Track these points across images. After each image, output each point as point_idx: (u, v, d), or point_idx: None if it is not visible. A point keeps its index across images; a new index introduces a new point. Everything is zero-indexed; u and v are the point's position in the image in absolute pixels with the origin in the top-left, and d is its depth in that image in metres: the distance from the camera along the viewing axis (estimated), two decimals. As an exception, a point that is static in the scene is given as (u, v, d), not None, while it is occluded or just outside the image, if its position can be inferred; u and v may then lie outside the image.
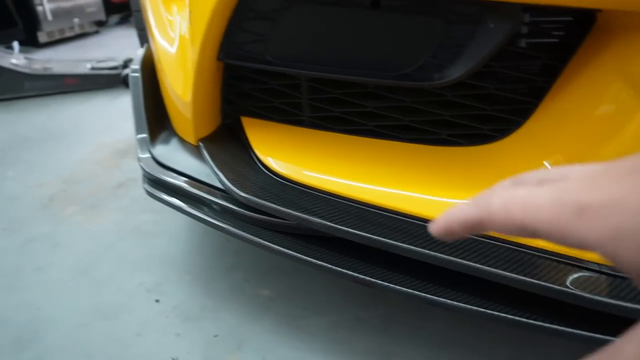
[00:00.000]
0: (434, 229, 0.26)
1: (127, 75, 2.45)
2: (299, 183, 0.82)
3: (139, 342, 0.97)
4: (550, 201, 0.20)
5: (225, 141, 0.94)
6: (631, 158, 0.20)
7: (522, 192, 0.22)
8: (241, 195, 0.81)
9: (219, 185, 0.87)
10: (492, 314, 0.62)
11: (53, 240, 1.30)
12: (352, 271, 0.75)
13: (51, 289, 1.12)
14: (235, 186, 0.82)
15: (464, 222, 0.25)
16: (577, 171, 0.22)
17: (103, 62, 2.55)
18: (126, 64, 2.53)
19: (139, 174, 1.57)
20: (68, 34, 3.68)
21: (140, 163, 0.97)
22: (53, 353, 0.95)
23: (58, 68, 2.47)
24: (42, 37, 3.45)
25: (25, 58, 2.55)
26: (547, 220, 0.20)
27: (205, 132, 0.94)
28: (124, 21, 4.48)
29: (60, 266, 1.19)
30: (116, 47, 3.29)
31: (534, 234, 0.21)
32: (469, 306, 0.65)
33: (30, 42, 3.37)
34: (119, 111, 2.20)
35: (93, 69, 2.47)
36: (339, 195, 0.78)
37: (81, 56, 2.89)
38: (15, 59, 2.49)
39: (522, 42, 0.64)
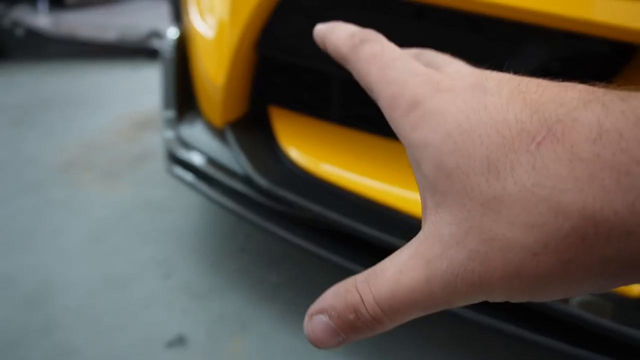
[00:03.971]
0: (316, 30, 0.26)
1: (153, 48, 2.46)
2: (320, 177, 0.84)
3: (146, 314, 1.00)
4: (397, 81, 0.20)
5: (251, 128, 0.96)
6: (485, 75, 0.19)
7: (390, 54, 0.21)
8: (263, 183, 0.82)
9: (240, 170, 0.89)
10: (500, 326, 0.64)
11: (69, 205, 1.32)
12: (362, 267, 0.77)
13: (64, 254, 1.15)
14: (257, 173, 0.84)
15: (334, 48, 0.24)
16: (449, 67, 0.21)
17: (128, 31, 2.56)
18: (151, 35, 2.54)
19: (156, 148, 1.60)
20: (95, -3, 3.68)
21: (165, 141, 0.99)
22: (63, 315, 0.98)
23: (83, 33, 2.48)
24: (69, -1, 3.46)
25: (52, 19, 2.57)
26: (385, 100, 0.20)
27: (232, 117, 0.96)
28: (150, -9, 4.48)
29: (74, 232, 1.22)
30: (142, 16, 3.29)
31: (376, 101, 0.21)
32: (475, 313, 0.67)
33: (57, 2, 3.38)
34: (140, 83, 2.22)
35: (118, 37, 2.48)
36: (359, 194, 0.80)
37: (107, 22, 2.90)
38: (41, 19, 2.51)
39: (560, 67, 0.65)
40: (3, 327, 0.95)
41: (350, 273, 0.18)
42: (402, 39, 0.69)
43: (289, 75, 0.90)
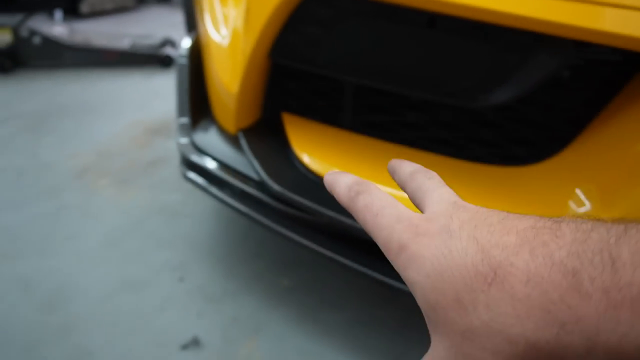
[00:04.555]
0: (326, 179, 0.31)
1: (165, 56, 2.49)
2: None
3: (162, 318, 1.01)
4: (386, 228, 0.24)
5: (264, 134, 0.98)
6: (452, 216, 0.23)
7: (379, 204, 0.25)
8: (275, 188, 0.84)
9: (254, 176, 0.90)
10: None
11: (85, 210, 1.35)
12: (376, 272, 0.78)
13: (81, 258, 1.17)
14: (270, 178, 0.85)
15: (338, 198, 0.29)
16: (433, 201, 0.25)
17: (142, 40, 2.60)
18: (164, 43, 2.58)
19: (169, 154, 1.63)
20: (108, 6, 3.75)
21: (180, 147, 1.01)
22: (80, 319, 1.00)
23: (98, 41, 2.53)
24: (84, 8, 3.52)
25: (67, 28, 2.61)
26: (381, 244, 0.24)
27: (245, 124, 0.98)
28: (163, -1, 4.55)
29: (90, 236, 1.24)
30: (155, 24, 3.34)
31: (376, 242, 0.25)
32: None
33: (72, 12, 3.44)
34: (153, 90, 2.25)
35: (132, 45, 2.52)
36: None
37: (120, 31, 2.94)
38: (57, 28, 2.56)
39: (570, 74, 0.66)
40: (22, 328, 0.97)
41: (362, 277, 0.21)
42: (414, 49, 0.70)
43: (301, 83, 0.92)
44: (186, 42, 1.15)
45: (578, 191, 0.69)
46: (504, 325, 0.18)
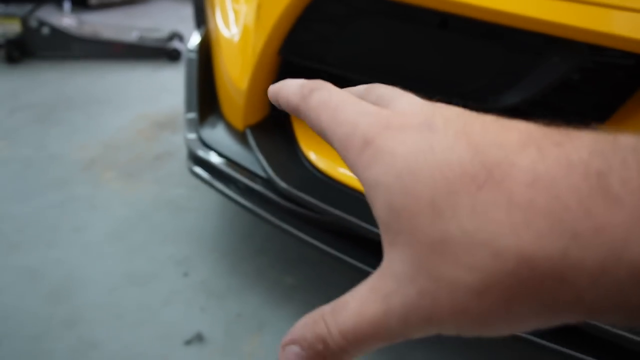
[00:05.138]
0: (269, 91, 0.26)
1: (173, 50, 2.49)
2: (339, 181, 0.85)
3: (166, 311, 1.02)
4: (347, 123, 0.20)
5: (271, 131, 0.98)
6: (434, 111, 0.19)
7: (338, 99, 0.21)
8: (282, 185, 0.84)
9: (261, 172, 0.90)
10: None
11: (91, 202, 1.35)
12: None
13: (87, 250, 1.17)
14: (277, 175, 0.85)
15: (286, 101, 0.24)
16: (399, 102, 0.21)
17: (150, 33, 2.60)
18: (172, 36, 2.58)
19: (176, 148, 1.63)
20: (117, -1, 3.75)
21: (187, 142, 1.01)
22: (86, 311, 1.00)
23: (106, 33, 2.53)
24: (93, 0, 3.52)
25: (76, 20, 2.62)
26: (338, 142, 0.20)
27: (253, 120, 0.98)
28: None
29: (97, 229, 1.25)
30: (163, 18, 3.34)
31: (331, 145, 0.21)
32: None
33: (81, 3, 3.44)
34: (161, 83, 2.25)
35: (140, 38, 2.52)
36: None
37: (129, 23, 2.94)
38: (66, 19, 2.56)
39: (582, 77, 0.66)
40: (28, 320, 0.98)
41: (366, 275, 0.19)
42: (426, 49, 0.70)
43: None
44: (195, 37, 1.15)
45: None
46: (492, 235, 0.15)
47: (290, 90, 0.24)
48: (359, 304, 0.18)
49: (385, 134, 0.18)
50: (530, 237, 0.14)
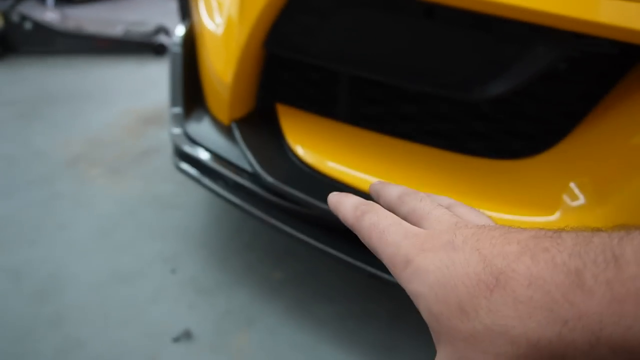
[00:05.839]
0: (330, 200, 0.32)
1: (159, 44, 2.46)
2: (326, 175, 0.84)
3: (153, 309, 1.01)
4: (393, 244, 0.25)
5: (257, 125, 0.97)
6: (456, 232, 0.24)
7: (385, 223, 0.26)
8: (269, 180, 0.83)
9: (247, 167, 0.89)
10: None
11: (76, 199, 1.33)
12: (369, 266, 0.78)
13: (72, 248, 1.16)
14: (263, 170, 0.84)
15: (343, 218, 0.30)
16: (433, 222, 0.26)
17: (135, 27, 2.56)
18: (157, 31, 2.55)
19: (162, 144, 1.61)
20: (102, -8, 3.69)
21: (173, 137, 1.00)
22: (71, 310, 0.99)
23: (91, 28, 2.49)
24: (76, -6, 3.47)
25: (59, 14, 2.57)
26: (387, 260, 0.25)
27: (238, 114, 0.97)
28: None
29: (82, 226, 1.23)
30: (149, 11, 3.30)
31: (380, 259, 0.26)
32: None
33: (65, -3, 3.39)
34: (146, 78, 2.23)
35: (125, 33, 2.49)
36: (365, 192, 0.80)
37: (113, 17, 2.90)
38: (49, 14, 2.52)
39: (567, 67, 0.66)
40: (13, 319, 0.96)
41: (354, 269, 0.20)
42: (411, 38, 0.69)
43: (296, 73, 0.91)
44: (180, 31, 1.13)
45: (573, 184, 0.68)
46: (506, 327, 0.19)
47: (346, 210, 0.30)
48: None
49: (420, 254, 0.23)
50: (533, 326, 0.18)
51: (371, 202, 0.30)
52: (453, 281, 0.21)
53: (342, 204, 0.30)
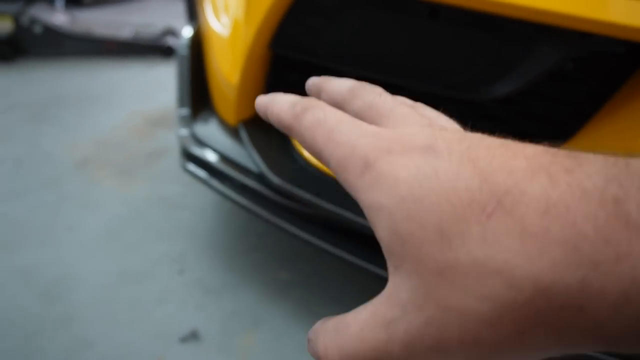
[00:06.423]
0: (257, 103, 0.25)
1: (167, 47, 2.48)
2: (333, 176, 0.84)
3: (160, 309, 1.01)
4: (346, 144, 0.19)
5: (264, 126, 0.96)
6: (435, 135, 0.18)
7: (334, 119, 0.20)
8: (275, 181, 0.83)
9: (254, 168, 0.90)
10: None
11: (85, 200, 1.34)
12: (375, 267, 0.78)
13: (81, 249, 1.17)
14: (270, 171, 0.85)
15: (277, 118, 0.23)
16: (397, 121, 0.20)
17: (143, 30, 2.58)
18: (166, 33, 2.56)
19: (170, 145, 1.62)
20: (111, -5, 3.72)
21: (180, 138, 1.00)
22: (80, 310, 1.00)
23: (99, 31, 2.51)
24: (86, -3, 3.50)
25: (69, 17, 2.60)
26: (336, 163, 0.19)
27: (245, 115, 0.97)
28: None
29: (90, 227, 1.24)
30: (156, 14, 3.32)
31: (327, 166, 0.20)
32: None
33: (73, 0, 3.42)
34: (154, 80, 2.24)
35: (134, 35, 2.50)
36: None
37: (122, 20, 2.93)
38: (59, 17, 2.54)
39: (574, 66, 0.65)
40: (22, 319, 0.97)
41: (361, 271, 0.18)
42: (416, 39, 0.69)
43: (302, 74, 0.91)
44: (187, 32, 1.14)
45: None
46: (505, 264, 0.14)
47: (281, 107, 0.23)
48: (360, 328, 0.18)
49: (387, 157, 0.18)
50: (546, 267, 0.14)
51: (313, 97, 0.23)
52: (434, 196, 0.16)
53: (274, 102, 0.23)
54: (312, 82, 0.27)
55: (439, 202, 0.16)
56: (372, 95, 0.22)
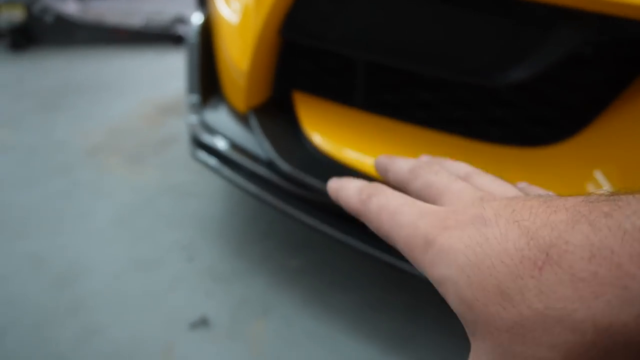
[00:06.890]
0: (329, 186, 0.28)
1: (178, 35, 2.47)
2: (344, 163, 0.84)
3: (171, 297, 1.01)
4: (408, 225, 0.21)
5: (274, 113, 0.96)
6: (484, 205, 0.20)
7: (396, 203, 0.23)
8: (285, 168, 0.82)
9: (264, 155, 0.89)
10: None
11: (96, 188, 1.35)
12: (386, 254, 0.77)
13: (92, 236, 1.17)
14: (280, 158, 0.84)
15: (346, 203, 0.26)
16: (452, 198, 0.23)
17: (153, 18, 2.57)
18: (176, 21, 2.55)
19: (180, 133, 1.62)
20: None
21: (189, 125, 1.00)
22: (90, 297, 1.00)
23: (111, 19, 2.51)
24: (96, -14, 3.50)
25: (80, 6, 2.60)
26: (402, 243, 0.22)
27: (255, 102, 0.96)
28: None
29: (101, 215, 1.24)
30: (167, 2, 3.31)
31: (394, 246, 0.23)
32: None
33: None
34: (165, 68, 2.24)
35: (144, 23, 2.50)
36: (382, 180, 0.79)
37: (132, 9, 2.92)
38: (70, 6, 2.54)
39: (592, 51, 0.63)
40: (33, 306, 0.98)
41: (371, 259, 0.18)
42: (429, 22, 0.68)
43: (313, 61, 0.90)
44: (196, 19, 1.13)
45: (598, 173, 0.66)
46: (564, 312, 0.15)
47: (349, 194, 0.26)
48: None
49: (444, 233, 0.20)
50: (602, 308, 0.14)
51: (377, 183, 0.26)
52: (489, 260, 0.17)
53: (343, 188, 0.27)
54: (380, 161, 0.30)
55: (494, 265, 0.17)
56: (430, 174, 0.25)
